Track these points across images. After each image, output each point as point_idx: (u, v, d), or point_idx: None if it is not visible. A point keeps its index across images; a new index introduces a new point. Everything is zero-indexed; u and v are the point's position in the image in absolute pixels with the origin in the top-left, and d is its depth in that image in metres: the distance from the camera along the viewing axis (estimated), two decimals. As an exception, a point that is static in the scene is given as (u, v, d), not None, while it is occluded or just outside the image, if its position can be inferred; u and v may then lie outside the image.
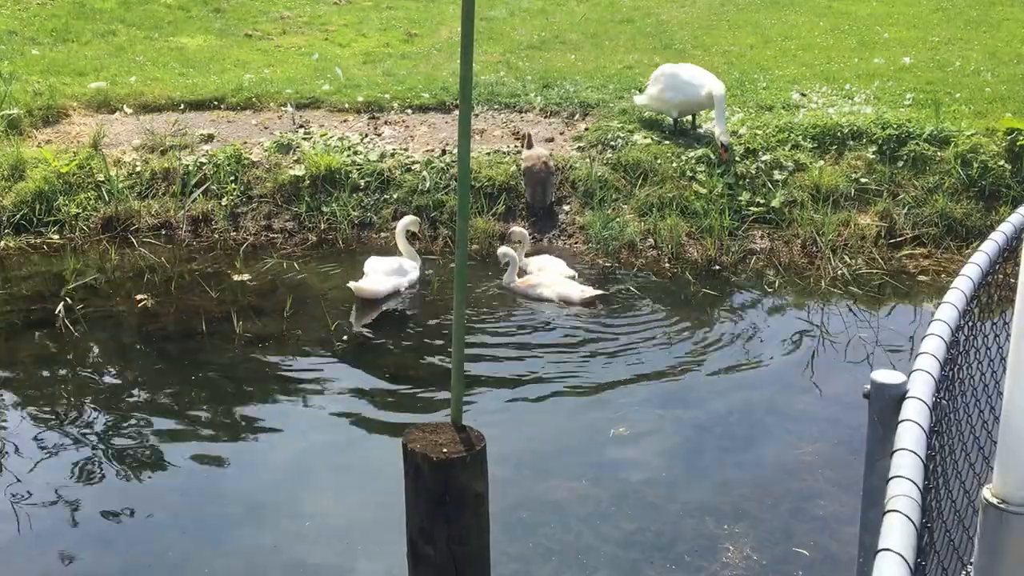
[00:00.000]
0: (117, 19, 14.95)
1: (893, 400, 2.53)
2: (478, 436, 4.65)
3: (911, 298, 8.69)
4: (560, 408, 7.03)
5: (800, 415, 6.91)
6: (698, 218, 9.52)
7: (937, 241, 9.42)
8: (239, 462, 6.42)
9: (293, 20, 15.45)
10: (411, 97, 11.60)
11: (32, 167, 10.06)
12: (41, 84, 11.57)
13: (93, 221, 9.82)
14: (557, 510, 5.87)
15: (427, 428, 4.74)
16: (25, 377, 7.43)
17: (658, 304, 8.64)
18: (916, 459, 2.14)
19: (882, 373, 2.59)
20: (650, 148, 10.27)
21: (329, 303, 8.50)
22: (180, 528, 5.77)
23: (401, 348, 7.90)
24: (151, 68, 12.69)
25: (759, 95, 11.49)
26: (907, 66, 12.57)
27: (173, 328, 8.09)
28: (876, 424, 2.59)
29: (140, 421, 6.79)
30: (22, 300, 8.63)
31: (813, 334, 8.05)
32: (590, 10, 16.44)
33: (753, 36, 14.48)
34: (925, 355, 2.54)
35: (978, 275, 2.80)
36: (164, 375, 7.47)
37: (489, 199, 9.88)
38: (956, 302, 2.69)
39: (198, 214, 9.91)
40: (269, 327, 8.04)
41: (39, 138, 10.77)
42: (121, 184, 10.03)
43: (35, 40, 13.75)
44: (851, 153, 10.13)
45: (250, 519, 5.84)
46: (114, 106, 11.45)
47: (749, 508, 5.88)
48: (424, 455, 4.54)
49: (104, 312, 8.34)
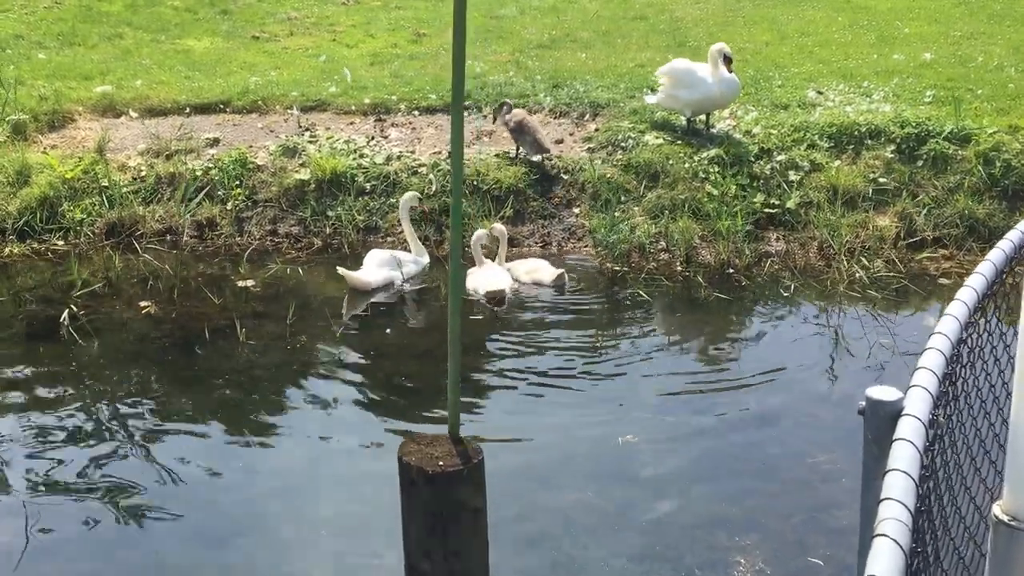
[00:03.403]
0: (124, 22, 14.91)
1: (888, 417, 2.43)
2: (476, 449, 4.60)
3: (931, 301, 8.48)
4: (566, 415, 6.91)
5: (815, 423, 6.77)
6: (711, 220, 9.34)
7: (958, 242, 9.21)
8: (238, 471, 6.35)
9: (301, 21, 15.35)
10: (418, 99, 11.46)
11: (37, 173, 10.01)
12: (47, 88, 11.52)
13: (98, 227, 9.75)
14: (563, 521, 5.79)
15: (423, 440, 4.68)
16: (28, 386, 7.37)
17: (669, 309, 8.50)
18: (908, 480, 2.07)
19: (877, 389, 2.50)
20: (662, 148, 10.08)
21: (333, 309, 8.42)
22: (180, 535, 5.73)
23: (408, 354, 7.79)
24: (157, 71, 12.63)
25: (774, 93, 11.28)
26: (927, 62, 12.32)
27: (177, 335, 8.05)
28: (870, 443, 2.52)
29: (140, 430, 6.73)
30: (27, 308, 8.60)
31: (829, 339, 7.90)
32: (602, 7, 16.24)
33: (769, 32, 14.28)
34: (923, 370, 2.44)
35: (983, 286, 2.64)
36: (166, 383, 7.41)
37: (496, 202, 9.72)
38: (958, 314, 2.53)
39: (203, 219, 9.82)
40: (273, 333, 7.98)
41: (44, 143, 10.72)
42: (126, 189, 9.96)
43: (41, 44, 13.71)
44: (869, 152, 9.92)
45: (249, 528, 5.79)
46: (119, 110, 11.39)
47: (762, 519, 5.79)
48: (419, 468, 4.49)
49: (108, 319, 8.30)
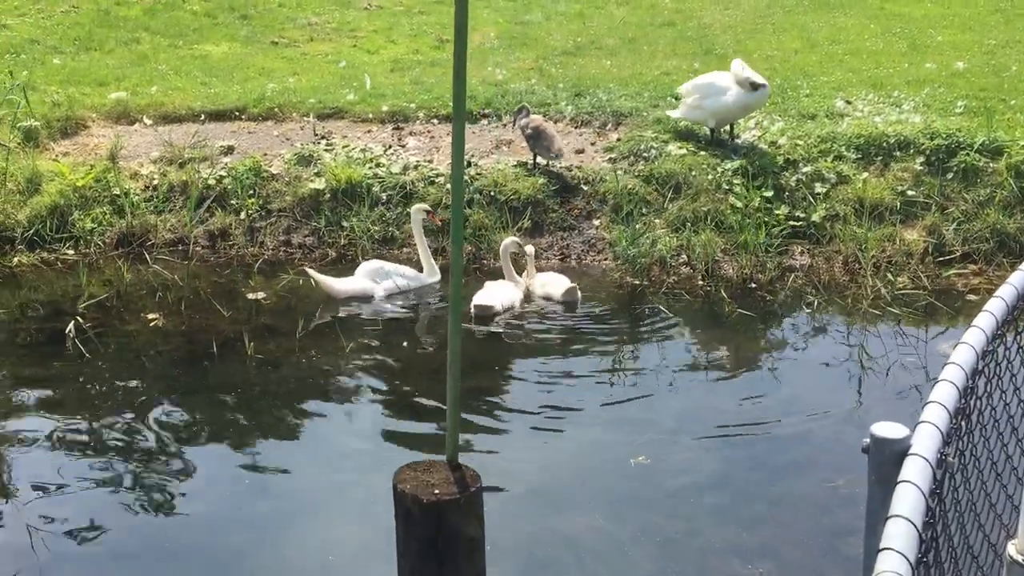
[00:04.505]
0: (141, 27, 14.81)
1: (894, 456, 2.31)
2: (473, 476, 4.46)
3: (960, 319, 8.19)
4: (576, 435, 6.74)
5: (837, 445, 6.52)
6: (734, 233, 9.11)
7: (988, 258, 8.96)
8: (238, 490, 6.24)
9: (321, 27, 15.20)
10: (438, 106, 11.26)
11: (48, 180, 9.89)
12: (60, 95, 11.43)
13: (108, 236, 9.63)
14: (572, 546, 5.63)
15: (420, 467, 4.54)
16: (30, 400, 7.28)
17: (689, 324, 8.30)
18: (910, 528, 1.96)
19: (883, 426, 2.36)
20: (685, 159, 9.84)
21: (344, 323, 8.26)
22: (181, 552, 5.65)
23: (420, 372, 7.61)
24: (173, 77, 12.51)
25: (801, 103, 11.01)
26: (960, 71, 12.01)
27: (184, 349, 7.94)
28: (874, 484, 2.38)
29: (140, 447, 6.61)
30: (34, 319, 8.51)
31: (854, 358, 7.67)
32: (630, 13, 16.00)
33: (798, 40, 14.00)
34: (933, 404, 2.23)
35: (1003, 311, 2.40)
36: (170, 398, 7.26)
37: (514, 213, 9.51)
38: (975, 343, 2.29)
39: (215, 229, 9.68)
40: (282, 348, 7.85)
41: (56, 150, 10.62)
42: (137, 198, 9.84)
43: (57, 49, 13.63)
44: (897, 164, 9.65)
45: (250, 549, 5.66)
46: (133, 117, 11.27)
47: (778, 546, 5.64)
48: (414, 496, 4.34)
49: (115, 331, 8.18)
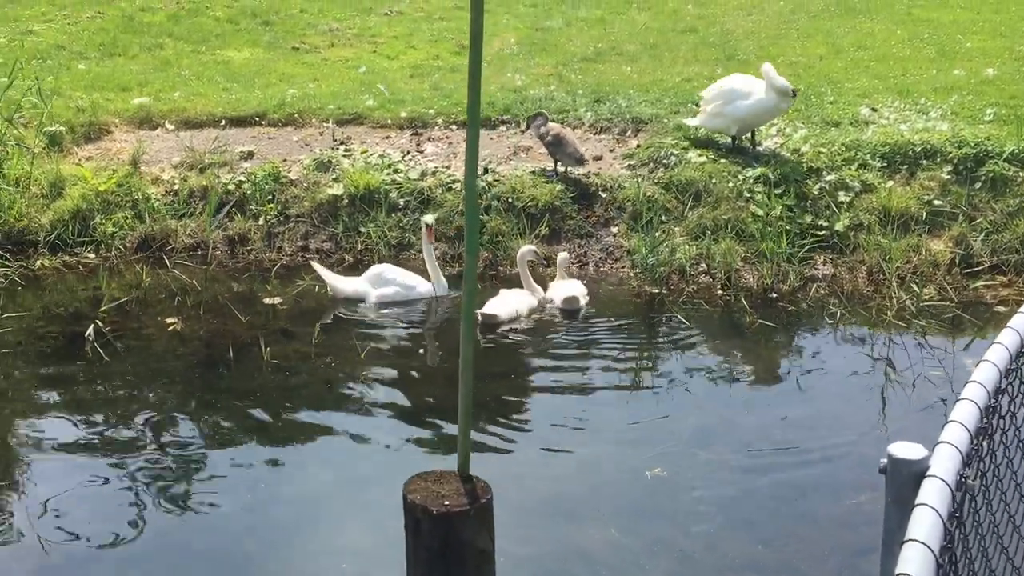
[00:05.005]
0: (165, 32, 14.91)
1: (912, 477, 2.26)
2: (484, 487, 4.42)
3: (988, 331, 8.02)
4: (590, 446, 6.65)
5: (859, 461, 6.38)
6: (755, 242, 8.99)
7: (1018, 269, 8.80)
8: (253, 496, 6.21)
9: (342, 32, 15.22)
10: (456, 112, 11.22)
11: (71, 185, 9.96)
12: (84, 100, 11.51)
13: (129, 240, 9.67)
14: (585, 559, 5.57)
15: (431, 477, 4.51)
16: (49, 403, 7.31)
17: (708, 334, 8.19)
18: (927, 554, 1.94)
19: (901, 446, 2.33)
20: (705, 167, 9.73)
21: (360, 329, 8.22)
22: (192, 559, 5.66)
23: (436, 379, 7.55)
24: (196, 83, 12.58)
25: (825, 110, 10.88)
26: (990, 78, 11.85)
27: (201, 354, 7.94)
28: (891, 505, 2.33)
29: (158, 450, 6.61)
30: (55, 321, 8.53)
31: (877, 371, 7.56)
32: (651, 19, 15.88)
33: (823, 46, 13.84)
34: (954, 424, 2.15)
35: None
36: (186, 403, 7.29)
37: (531, 220, 9.43)
38: (998, 360, 2.20)
39: (235, 234, 9.68)
40: (298, 354, 7.83)
41: (80, 155, 10.69)
42: (158, 203, 9.88)
43: (83, 54, 13.73)
44: (924, 173, 9.50)
45: (261, 555, 5.65)
46: (156, 122, 11.35)
47: (796, 562, 5.56)
48: (424, 507, 4.29)
49: (134, 335, 8.19)
